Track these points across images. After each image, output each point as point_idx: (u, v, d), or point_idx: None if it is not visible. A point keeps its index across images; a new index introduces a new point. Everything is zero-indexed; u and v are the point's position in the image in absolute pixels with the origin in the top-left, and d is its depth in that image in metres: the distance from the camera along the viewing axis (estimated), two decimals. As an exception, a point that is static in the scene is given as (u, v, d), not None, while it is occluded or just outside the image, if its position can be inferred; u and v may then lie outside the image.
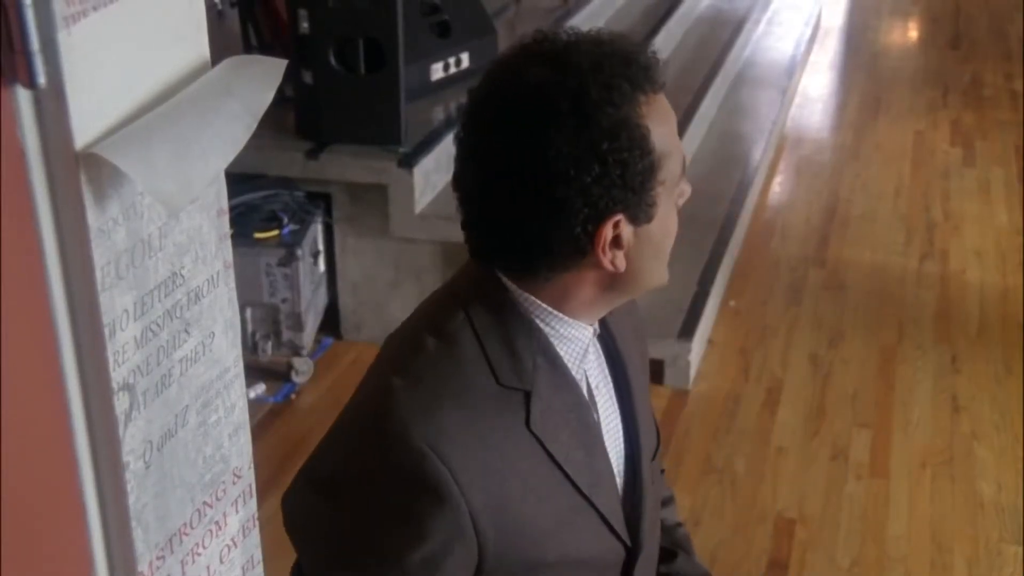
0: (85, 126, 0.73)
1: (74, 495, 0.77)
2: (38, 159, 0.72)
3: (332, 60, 3.29)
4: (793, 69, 5.84)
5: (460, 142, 1.02)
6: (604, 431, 1.12)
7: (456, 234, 1.09)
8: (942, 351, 3.56)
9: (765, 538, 2.75)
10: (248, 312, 3.29)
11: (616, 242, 1.00)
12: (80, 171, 0.72)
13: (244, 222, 3.25)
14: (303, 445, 3.14)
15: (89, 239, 0.73)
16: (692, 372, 3.39)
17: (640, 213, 1.00)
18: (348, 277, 3.60)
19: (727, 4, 6.21)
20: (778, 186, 4.86)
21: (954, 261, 4.13)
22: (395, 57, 3.28)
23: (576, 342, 1.07)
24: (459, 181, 1.03)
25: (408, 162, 3.39)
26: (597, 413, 1.12)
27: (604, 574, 1.14)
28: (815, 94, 5.96)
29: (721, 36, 5.70)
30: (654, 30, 5.18)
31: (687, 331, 3.40)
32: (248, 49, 3.79)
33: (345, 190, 3.49)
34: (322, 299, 3.53)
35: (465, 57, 3.91)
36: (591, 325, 1.09)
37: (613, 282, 1.03)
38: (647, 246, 1.02)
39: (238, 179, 3.18)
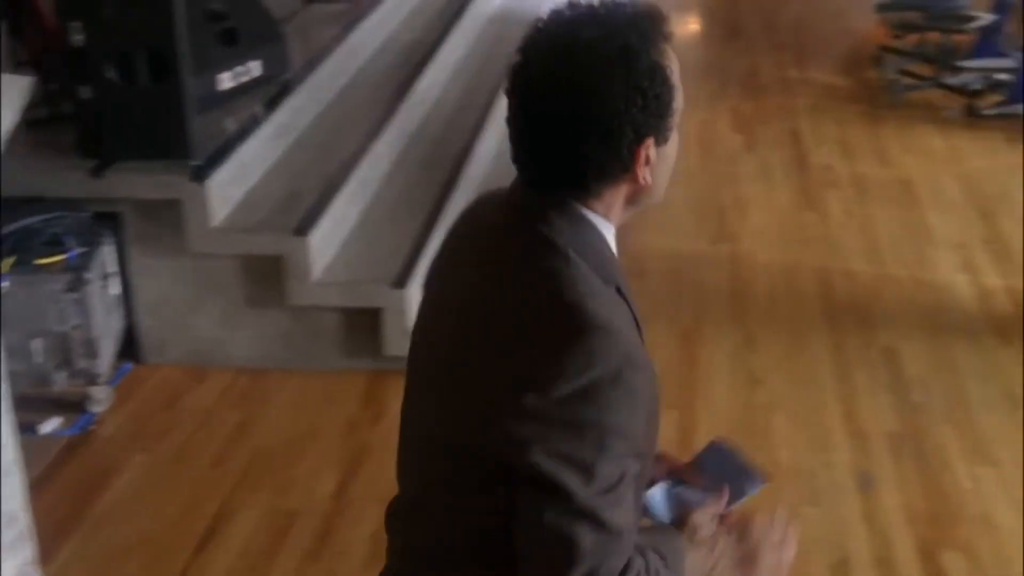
0: None
1: None
2: None
3: (111, 73, 3.15)
4: (584, 65, 5.98)
5: (519, 91, 1.24)
6: None
7: (258, 246, 1.07)
8: (737, 329, 3.74)
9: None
10: (37, 342, 3.11)
11: (647, 160, 1.24)
12: None
13: (24, 248, 3.05)
14: (109, 476, 2.99)
15: None
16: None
17: (661, 136, 1.25)
18: (144, 298, 3.45)
19: (518, 4, 6.31)
20: (577, 180, 4.98)
21: (744, 243, 4.34)
22: (179, 67, 3.17)
23: (614, 244, 1.31)
24: (519, 123, 1.25)
25: (201, 175, 3.28)
26: None
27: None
28: (606, 89, 6.13)
29: (515, 34, 5.71)
30: (447, 29, 5.21)
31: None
32: (16, 65, 3.57)
33: (135, 208, 3.35)
34: (118, 323, 3.37)
35: (255, 65, 3.82)
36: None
37: (636, 195, 1.29)
38: (663, 163, 1.28)
39: (14, 204, 3.00)
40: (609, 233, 1.30)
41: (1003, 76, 5.64)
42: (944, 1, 5.94)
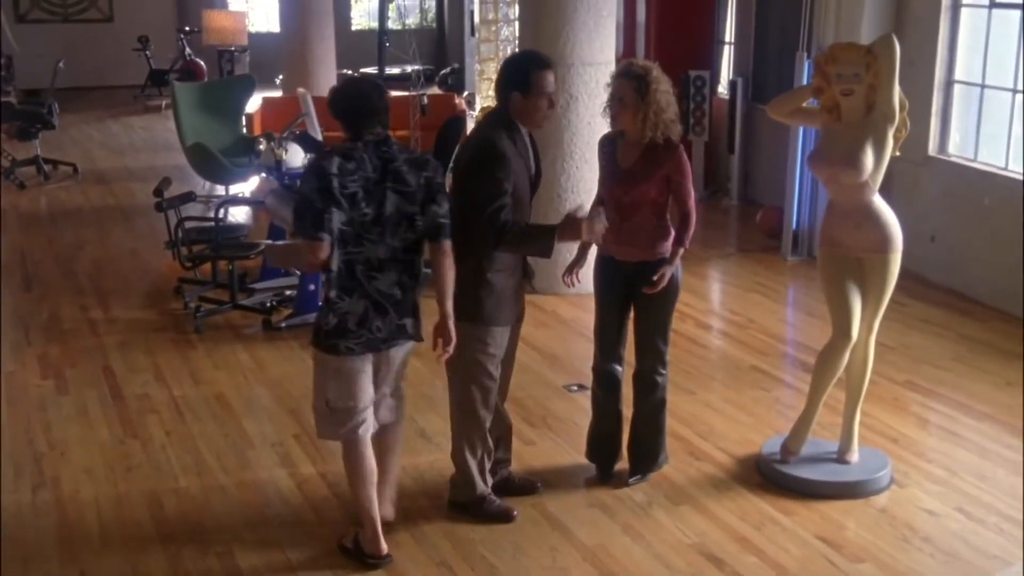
0: None
1: None
2: None
3: None
4: None
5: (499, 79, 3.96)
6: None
7: None
8: (70, 573, 3.62)
9: None
10: None
11: (515, 100, 3.79)
12: None
13: None
14: None
15: None
16: None
17: (523, 91, 3.78)
18: None
19: None
20: None
21: (67, 485, 4.24)
22: None
23: (525, 133, 3.90)
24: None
25: None
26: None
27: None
28: None
29: None
30: None
31: None
32: None
33: None
34: None
35: None
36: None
37: (517, 114, 3.81)
38: (530, 105, 3.76)
39: None
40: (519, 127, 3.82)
41: (290, 292, 6.34)
42: (226, 233, 6.54)
